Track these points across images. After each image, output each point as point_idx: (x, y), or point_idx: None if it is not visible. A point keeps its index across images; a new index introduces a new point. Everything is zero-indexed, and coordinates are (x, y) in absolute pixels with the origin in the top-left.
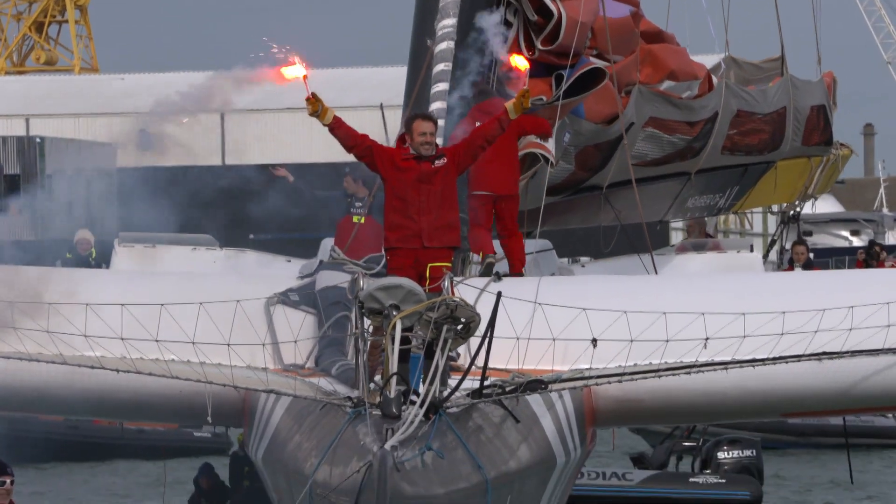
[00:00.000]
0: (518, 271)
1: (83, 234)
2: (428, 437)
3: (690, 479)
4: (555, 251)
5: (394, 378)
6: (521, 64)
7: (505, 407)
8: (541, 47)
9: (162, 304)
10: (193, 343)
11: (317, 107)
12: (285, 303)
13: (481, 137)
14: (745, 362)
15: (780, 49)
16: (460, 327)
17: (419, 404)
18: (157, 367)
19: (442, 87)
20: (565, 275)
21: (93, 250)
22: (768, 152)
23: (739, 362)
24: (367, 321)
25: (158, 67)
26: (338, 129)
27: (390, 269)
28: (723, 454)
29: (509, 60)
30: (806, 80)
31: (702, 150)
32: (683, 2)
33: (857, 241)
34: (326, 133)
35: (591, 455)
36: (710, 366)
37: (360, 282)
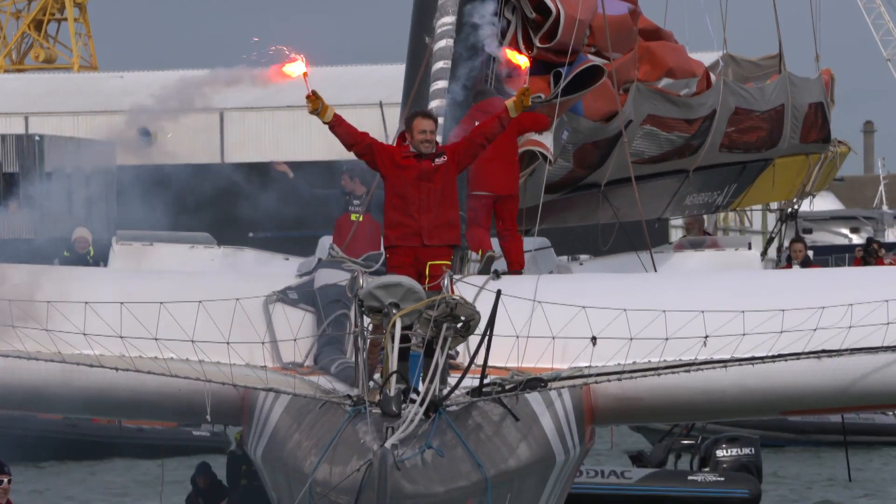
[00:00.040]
0: (516, 270)
1: (81, 233)
2: (428, 435)
3: (689, 477)
4: (553, 249)
5: (394, 376)
6: (522, 61)
7: (504, 405)
8: (539, 45)
9: (161, 303)
10: (192, 341)
11: (317, 104)
12: (284, 301)
13: (481, 136)
14: (744, 360)
15: (778, 46)
16: (460, 325)
17: (419, 403)
18: (157, 366)
19: (441, 84)
20: (563, 273)
21: (90, 248)
22: (766, 150)
23: (739, 360)
24: (366, 319)
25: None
26: (338, 126)
27: (390, 267)
28: (721, 452)
29: (509, 57)
30: (804, 78)
31: (700, 148)
32: None
33: (856, 239)
34: (325, 131)
35: (589, 453)
36: (709, 364)
37: (360, 280)
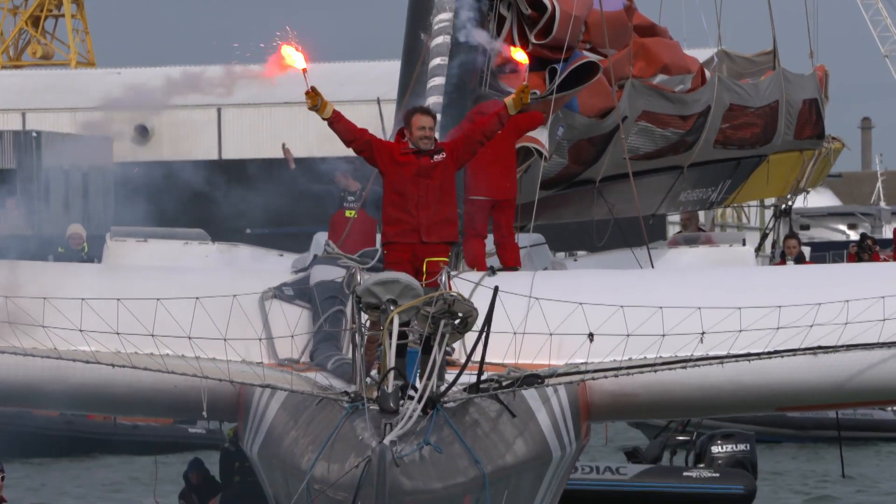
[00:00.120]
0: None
1: (75, 229)
2: (426, 431)
3: (684, 473)
4: (547, 245)
5: (391, 373)
6: (522, 58)
7: (501, 401)
8: (534, 41)
9: (158, 299)
10: (189, 338)
11: (316, 101)
12: (280, 297)
13: (480, 133)
14: (740, 356)
15: (773, 43)
16: (458, 322)
17: (417, 399)
18: (153, 362)
19: (438, 81)
20: (558, 269)
21: (85, 245)
22: (760, 146)
23: (735, 356)
24: (364, 316)
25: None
26: (337, 123)
27: (387, 264)
28: (717, 448)
29: (509, 53)
30: (798, 74)
31: (694, 144)
32: None
33: (854, 235)
34: (323, 127)
35: (584, 450)
36: (705, 360)
37: (358, 276)
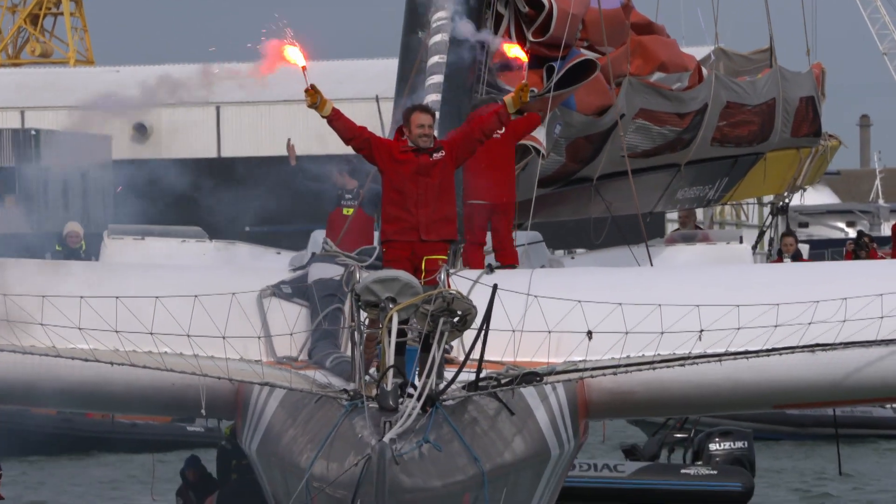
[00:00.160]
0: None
1: (73, 227)
2: (425, 429)
3: (682, 471)
4: (545, 243)
5: (391, 371)
6: (521, 55)
7: (500, 399)
8: (532, 39)
9: (157, 297)
10: (189, 336)
11: (315, 98)
12: (278, 295)
13: (479, 131)
14: (738, 354)
15: (769, 41)
16: (457, 320)
17: (416, 397)
18: (152, 360)
19: (437, 79)
20: (555, 267)
21: (82, 243)
22: (757, 143)
23: (733, 354)
24: (363, 314)
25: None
26: (336, 120)
27: (386, 262)
28: (714, 446)
29: (507, 51)
30: (795, 72)
31: (691, 142)
32: None
33: (852, 233)
34: (322, 125)
35: (582, 447)
36: (704, 357)
37: (357, 274)
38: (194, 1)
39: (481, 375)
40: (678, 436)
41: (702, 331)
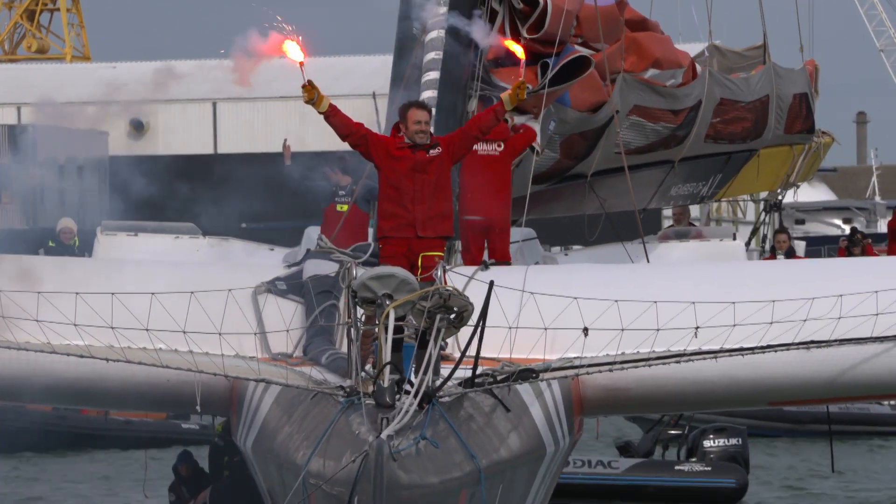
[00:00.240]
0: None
1: (66, 223)
2: (422, 426)
3: (676, 467)
4: (538, 240)
5: (387, 367)
6: (519, 51)
7: (495, 396)
8: (526, 35)
9: (153, 293)
10: (185, 332)
11: (313, 94)
12: (273, 292)
13: (476, 128)
14: (734, 351)
15: (763, 37)
16: (453, 317)
17: (413, 394)
18: (147, 357)
19: (433, 75)
20: (549, 263)
21: (76, 239)
22: (751, 140)
23: (729, 351)
24: (359, 310)
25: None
26: (333, 117)
27: (383, 258)
28: (709, 442)
29: (506, 45)
30: (788, 69)
31: (685, 139)
32: None
33: (849, 230)
34: (319, 121)
35: (577, 443)
36: (699, 354)
37: (353, 271)
38: None
39: (477, 372)
40: (672, 432)
41: (697, 328)
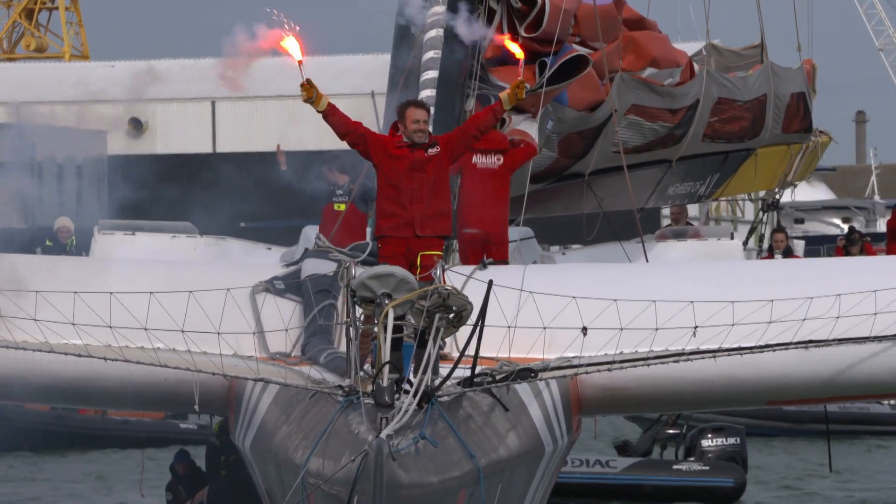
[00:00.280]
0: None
1: (63, 222)
2: (421, 425)
3: (674, 467)
4: (535, 239)
5: (386, 366)
6: (518, 51)
7: (494, 395)
8: (524, 34)
9: (151, 293)
10: (183, 332)
11: (311, 93)
12: (271, 291)
13: (474, 127)
14: (732, 350)
15: (761, 36)
16: (452, 316)
17: (413, 393)
18: (146, 356)
19: (432, 74)
20: (547, 262)
21: (73, 238)
22: (748, 139)
23: (727, 350)
24: (358, 309)
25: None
26: (331, 116)
27: (381, 258)
28: (707, 442)
29: (505, 44)
30: (786, 68)
31: (683, 138)
32: None
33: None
34: (317, 120)
35: (575, 443)
36: (698, 354)
37: (353, 270)
38: None
39: (476, 371)
40: (670, 432)
41: (696, 327)
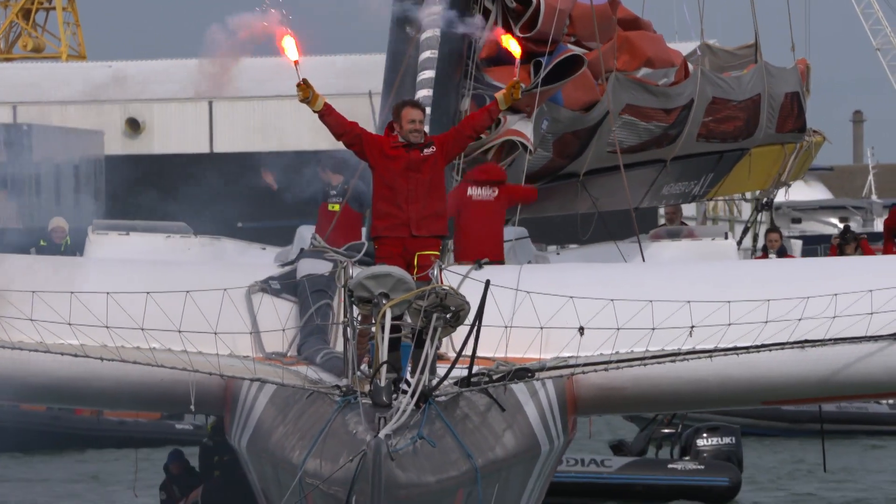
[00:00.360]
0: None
1: (58, 222)
2: (419, 425)
3: (669, 466)
4: (530, 239)
5: (384, 366)
6: (515, 49)
7: (491, 395)
8: (519, 34)
9: (148, 293)
10: (180, 332)
11: (307, 93)
12: (267, 291)
13: (470, 127)
14: (728, 350)
15: (755, 36)
16: (449, 316)
17: (411, 393)
18: (142, 356)
19: (428, 74)
20: (541, 262)
21: (67, 238)
22: (743, 139)
23: (724, 350)
24: (355, 309)
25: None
26: (328, 116)
27: (378, 258)
28: (702, 441)
29: (502, 40)
30: (780, 67)
31: (678, 138)
32: None
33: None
34: (314, 120)
35: (571, 442)
36: (694, 354)
37: (350, 270)
38: None
39: (473, 372)
40: (666, 431)
41: (692, 327)
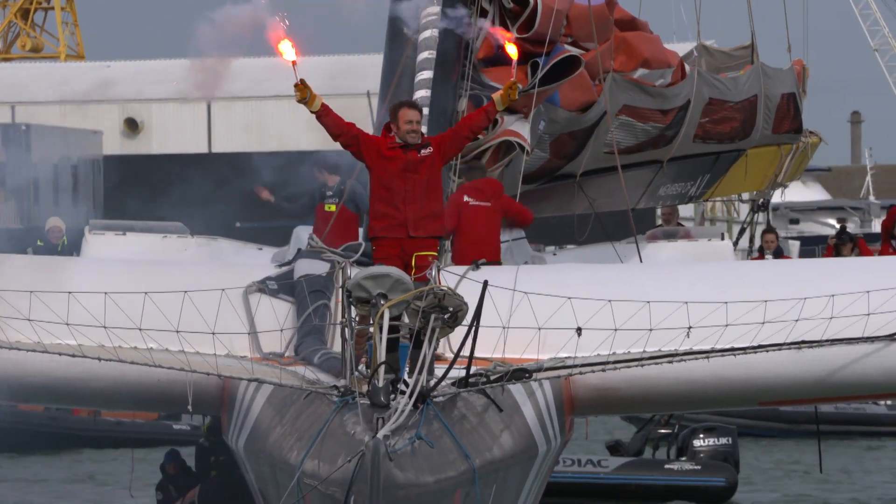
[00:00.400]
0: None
1: (55, 222)
2: (417, 426)
3: (665, 466)
4: (527, 240)
5: (382, 367)
6: (512, 51)
7: (488, 396)
8: (517, 35)
9: (145, 293)
10: (178, 332)
11: (305, 94)
12: (264, 291)
13: (467, 128)
14: (725, 351)
15: (751, 37)
16: (447, 316)
17: (409, 394)
18: (140, 356)
19: (426, 75)
20: (538, 263)
21: (64, 238)
22: (739, 140)
23: (721, 351)
24: (353, 310)
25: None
26: (325, 116)
27: (376, 259)
28: (699, 442)
29: (502, 42)
30: (776, 68)
31: (674, 138)
32: None
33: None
34: (312, 120)
35: (568, 443)
36: (691, 354)
37: (348, 270)
38: None
39: (471, 372)
40: (662, 431)
41: (690, 327)
